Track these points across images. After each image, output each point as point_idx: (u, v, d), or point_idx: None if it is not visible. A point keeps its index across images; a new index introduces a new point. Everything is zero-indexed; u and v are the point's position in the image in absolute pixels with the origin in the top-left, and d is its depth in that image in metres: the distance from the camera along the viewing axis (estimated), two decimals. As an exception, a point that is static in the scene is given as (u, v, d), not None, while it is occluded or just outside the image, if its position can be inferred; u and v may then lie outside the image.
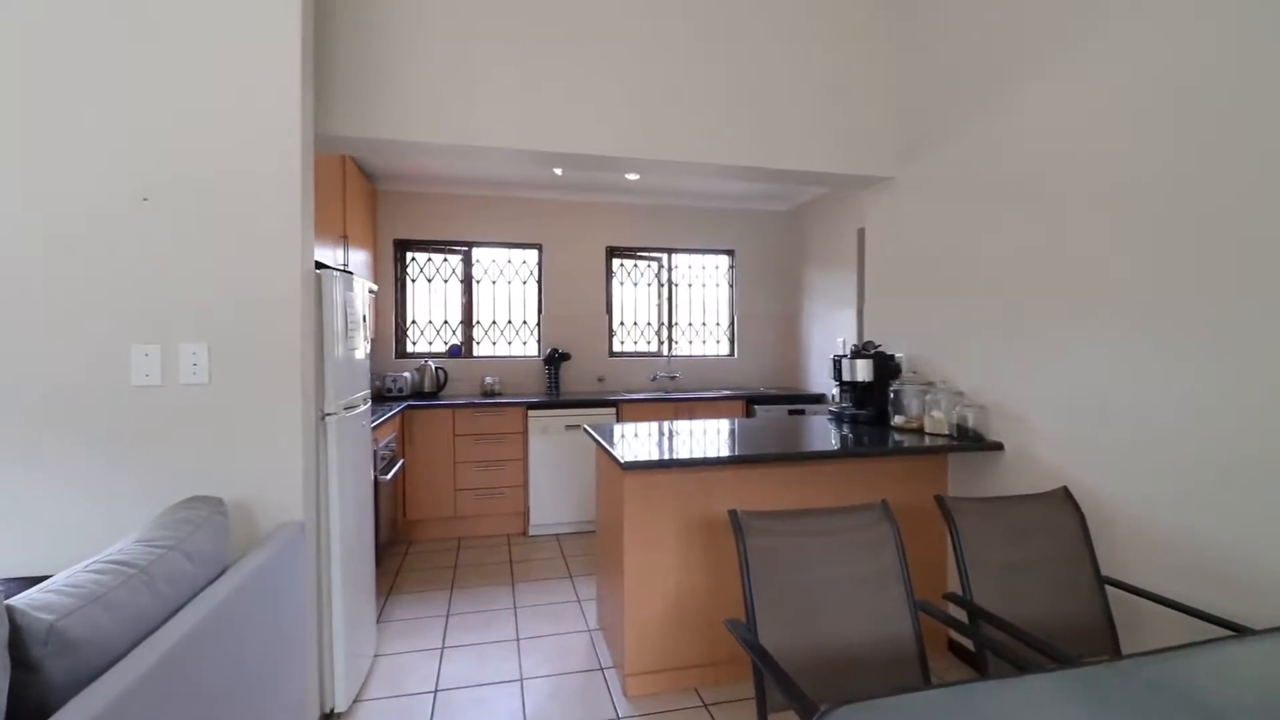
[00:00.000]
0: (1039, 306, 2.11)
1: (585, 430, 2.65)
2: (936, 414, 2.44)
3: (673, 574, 2.22)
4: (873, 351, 2.77)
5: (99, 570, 1.18)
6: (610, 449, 2.16)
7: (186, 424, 1.76)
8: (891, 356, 2.76)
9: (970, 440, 2.32)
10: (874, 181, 2.94)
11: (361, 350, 2.41)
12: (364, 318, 2.39)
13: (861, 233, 4.05)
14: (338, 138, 2.24)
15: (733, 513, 1.55)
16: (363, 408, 2.35)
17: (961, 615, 1.73)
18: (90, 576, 1.13)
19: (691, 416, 4.24)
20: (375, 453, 2.96)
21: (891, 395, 2.64)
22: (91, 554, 1.31)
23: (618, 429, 2.63)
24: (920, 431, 2.51)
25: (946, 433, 2.41)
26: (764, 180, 2.88)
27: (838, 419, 2.90)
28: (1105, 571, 1.79)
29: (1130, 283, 1.82)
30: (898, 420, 2.61)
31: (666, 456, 2.09)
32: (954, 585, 2.46)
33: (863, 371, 2.73)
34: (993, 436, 2.31)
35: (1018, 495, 1.87)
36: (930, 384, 2.56)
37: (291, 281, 1.82)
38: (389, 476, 3.01)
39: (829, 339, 4.44)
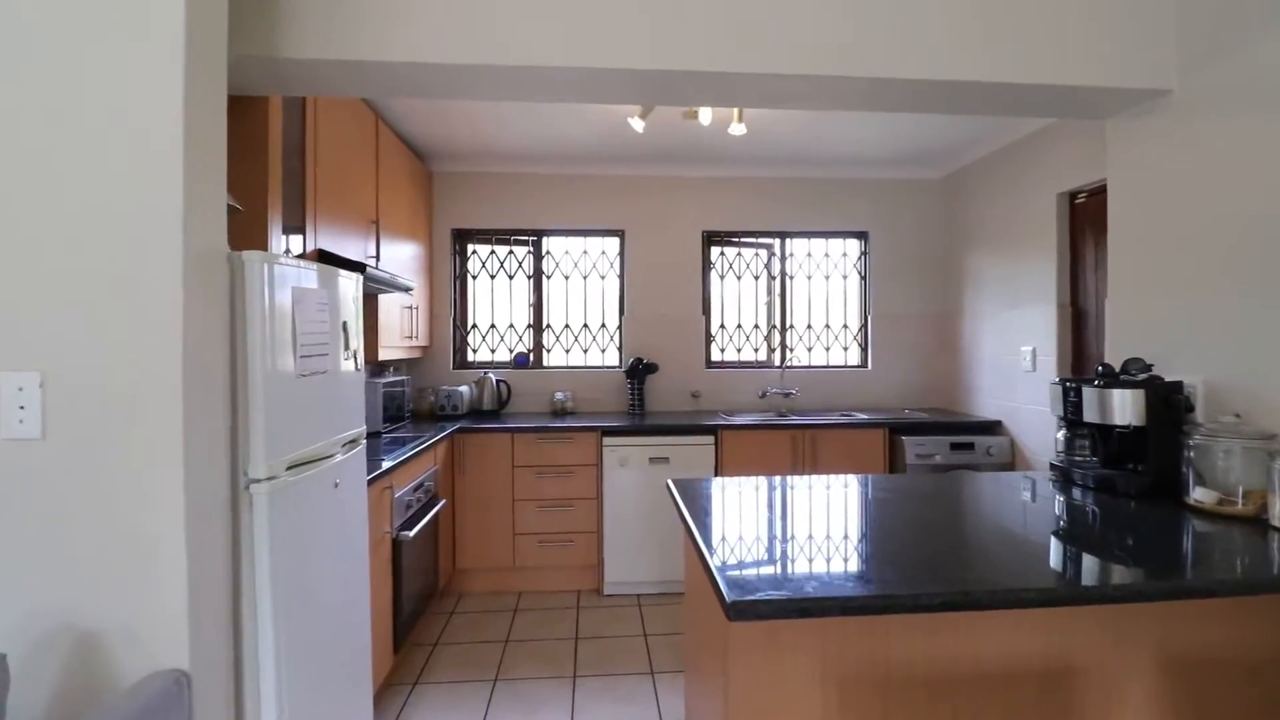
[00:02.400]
0: None
1: (670, 493, 1.78)
2: (1301, 496, 1.34)
3: (810, 765, 1.29)
4: (1142, 377, 1.68)
5: None
6: (708, 553, 1.26)
7: (8, 506, 1.08)
8: (1177, 386, 1.66)
9: (1398, 556, 1.20)
10: (1131, 100, 1.83)
11: (346, 368, 1.69)
12: (346, 325, 1.66)
13: (1066, 197, 2.86)
14: (288, 61, 1.51)
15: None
16: (341, 457, 1.62)
17: None
18: None
19: (814, 450, 3.24)
20: (395, 500, 2.26)
21: (1188, 453, 1.55)
22: None
23: (715, 491, 1.74)
24: (1257, 521, 1.41)
25: (1327, 533, 1.30)
26: (930, 104, 1.87)
27: (1064, 480, 1.83)
28: None
29: None
30: (1200, 496, 1.51)
31: (797, 592, 1.13)
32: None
33: (1125, 409, 1.64)
34: None
35: None
36: (1273, 438, 1.45)
37: (167, 271, 1.10)
38: (413, 533, 2.29)
39: (1007, 347, 3.28)
